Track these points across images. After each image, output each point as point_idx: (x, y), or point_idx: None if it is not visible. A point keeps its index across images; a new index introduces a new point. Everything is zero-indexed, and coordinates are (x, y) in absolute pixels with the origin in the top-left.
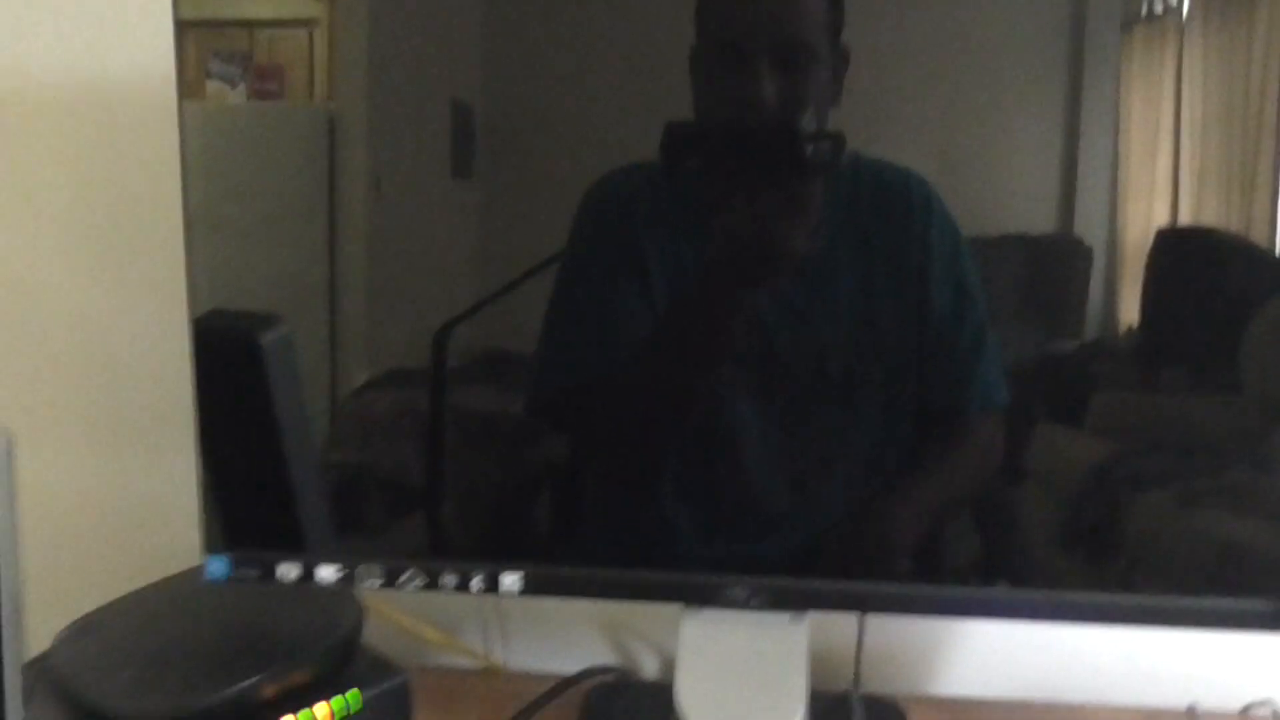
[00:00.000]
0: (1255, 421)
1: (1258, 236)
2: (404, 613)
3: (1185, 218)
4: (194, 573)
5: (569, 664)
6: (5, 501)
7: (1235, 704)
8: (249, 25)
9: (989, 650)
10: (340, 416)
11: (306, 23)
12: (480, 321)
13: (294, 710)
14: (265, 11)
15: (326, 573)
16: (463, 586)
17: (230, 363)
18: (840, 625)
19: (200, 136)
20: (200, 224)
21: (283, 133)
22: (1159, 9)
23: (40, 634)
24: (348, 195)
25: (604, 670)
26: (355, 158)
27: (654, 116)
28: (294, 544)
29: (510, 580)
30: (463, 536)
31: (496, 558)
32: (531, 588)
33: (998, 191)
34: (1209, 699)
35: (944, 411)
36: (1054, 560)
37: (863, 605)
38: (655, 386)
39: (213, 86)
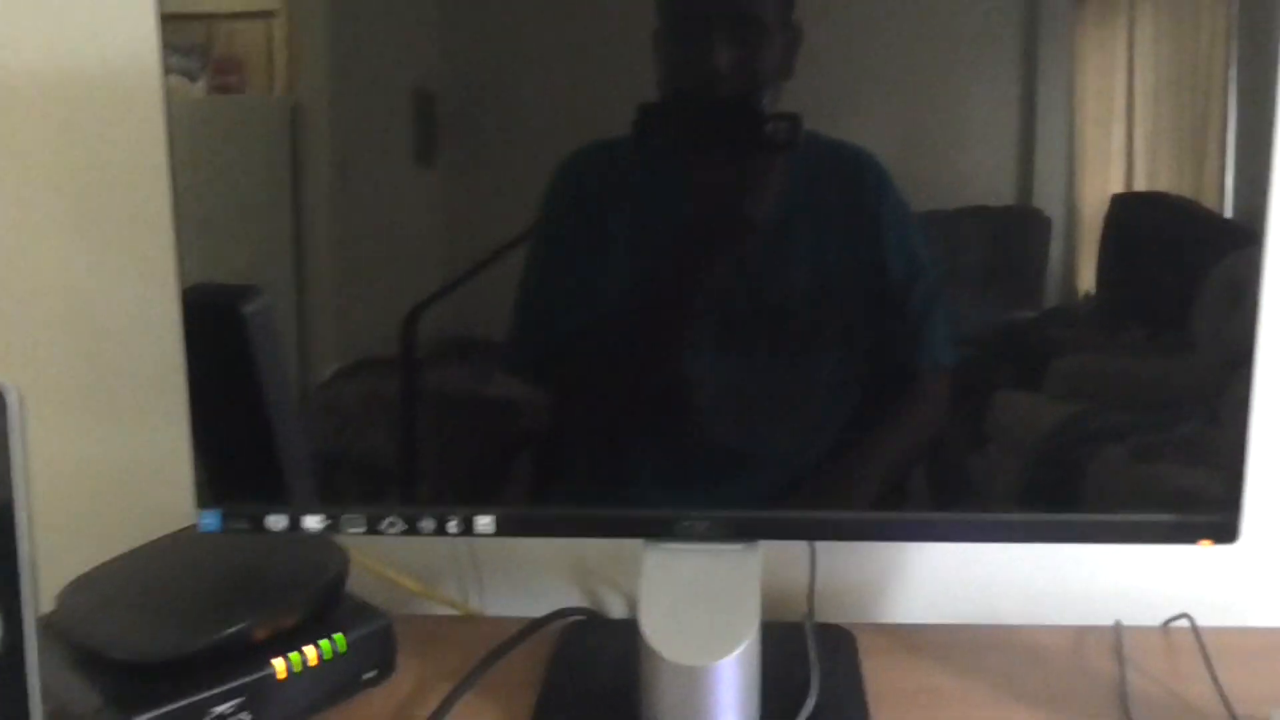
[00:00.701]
0: (1207, 377)
1: (1208, 201)
2: (386, 565)
3: (1140, 184)
4: (186, 532)
5: (540, 608)
6: (19, 449)
7: (1157, 619)
8: (207, 18)
9: (931, 581)
10: (311, 406)
11: (265, 15)
12: (448, 306)
13: (284, 653)
14: (224, 5)
15: (312, 522)
16: (440, 530)
17: (216, 332)
18: (797, 565)
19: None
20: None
21: (246, 125)
22: None
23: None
24: (313, 187)
25: (573, 611)
26: (319, 149)
27: (614, 97)
28: (281, 499)
29: (484, 522)
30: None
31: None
32: (504, 529)
33: (957, 165)
34: (1133, 616)
35: (895, 370)
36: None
37: (809, 533)
38: (626, 345)
39: (172, 81)
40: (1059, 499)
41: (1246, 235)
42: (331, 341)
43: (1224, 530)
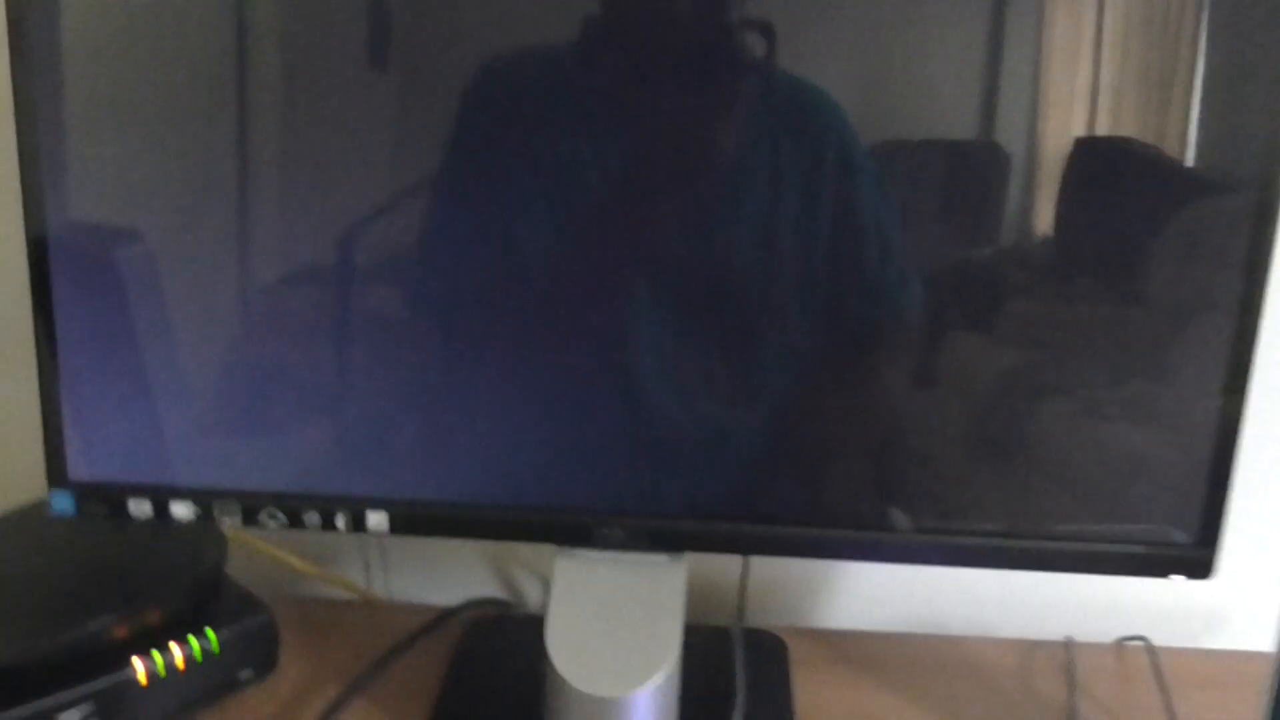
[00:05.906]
0: (1159, 333)
1: (1170, 149)
2: (275, 543)
3: (1103, 127)
4: (35, 509)
5: (453, 595)
6: None
7: (1110, 637)
8: None
9: (871, 584)
10: (246, 317)
11: None
12: (392, 220)
13: (147, 651)
14: None
15: (181, 510)
16: (328, 524)
17: (82, 281)
18: (724, 560)
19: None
20: (78, 127)
21: (186, 23)
22: None
23: None
24: (258, 90)
25: (485, 602)
26: (267, 50)
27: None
28: (153, 476)
29: (376, 520)
30: (339, 458)
31: (365, 488)
32: (399, 527)
33: (921, 96)
34: (1085, 632)
35: (854, 325)
36: (949, 488)
37: (743, 547)
38: (544, 303)
39: None
40: (1007, 454)
41: (1209, 185)
42: (271, 255)
43: (1198, 566)
